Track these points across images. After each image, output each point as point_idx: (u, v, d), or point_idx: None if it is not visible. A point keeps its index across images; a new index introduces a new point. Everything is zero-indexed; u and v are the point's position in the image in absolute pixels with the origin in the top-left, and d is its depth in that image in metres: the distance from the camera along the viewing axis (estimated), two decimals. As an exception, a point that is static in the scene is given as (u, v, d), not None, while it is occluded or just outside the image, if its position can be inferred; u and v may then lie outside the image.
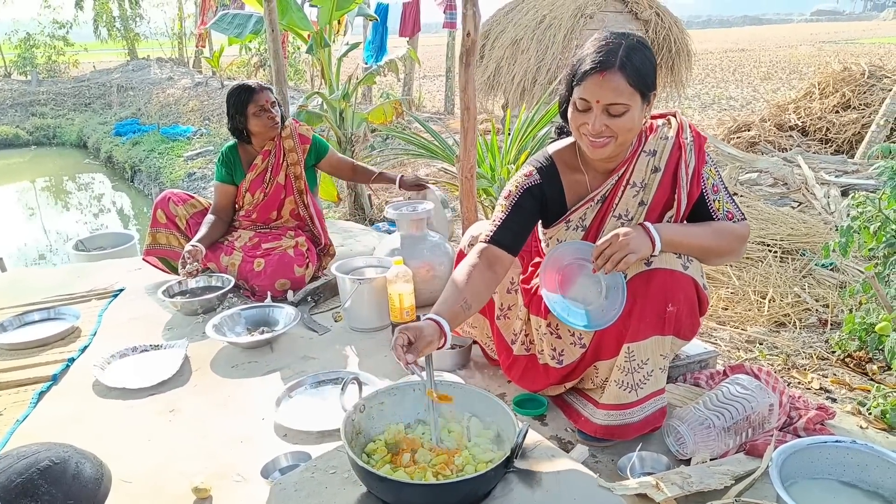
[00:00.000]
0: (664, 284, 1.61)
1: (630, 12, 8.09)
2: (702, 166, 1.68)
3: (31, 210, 10.04)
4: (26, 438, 1.81)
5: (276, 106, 2.91)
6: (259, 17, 4.78)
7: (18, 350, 2.44)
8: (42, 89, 16.77)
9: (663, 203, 1.70)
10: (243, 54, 15.92)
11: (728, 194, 1.73)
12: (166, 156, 10.13)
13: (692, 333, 1.74)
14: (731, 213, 1.70)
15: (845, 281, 3.18)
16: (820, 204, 4.51)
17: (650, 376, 1.67)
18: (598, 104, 1.55)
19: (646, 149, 1.68)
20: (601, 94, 1.53)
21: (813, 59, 19.37)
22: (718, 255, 1.70)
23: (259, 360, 2.35)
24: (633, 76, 1.52)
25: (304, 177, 3.01)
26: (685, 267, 1.64)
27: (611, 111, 1.55)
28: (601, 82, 1.52)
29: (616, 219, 1.72)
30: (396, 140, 7.99)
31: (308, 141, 3.04)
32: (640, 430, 1.71)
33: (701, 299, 1.70)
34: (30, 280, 3.26)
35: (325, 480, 1.48)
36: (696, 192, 1.68)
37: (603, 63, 1.52)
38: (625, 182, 1.69)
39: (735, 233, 1.68)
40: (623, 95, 1.53)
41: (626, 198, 1.70)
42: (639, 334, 1.63)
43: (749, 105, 11.24)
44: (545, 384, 1.92)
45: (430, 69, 18.57)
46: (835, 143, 6.66)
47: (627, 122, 1.56)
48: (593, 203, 1.74)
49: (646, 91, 1.56)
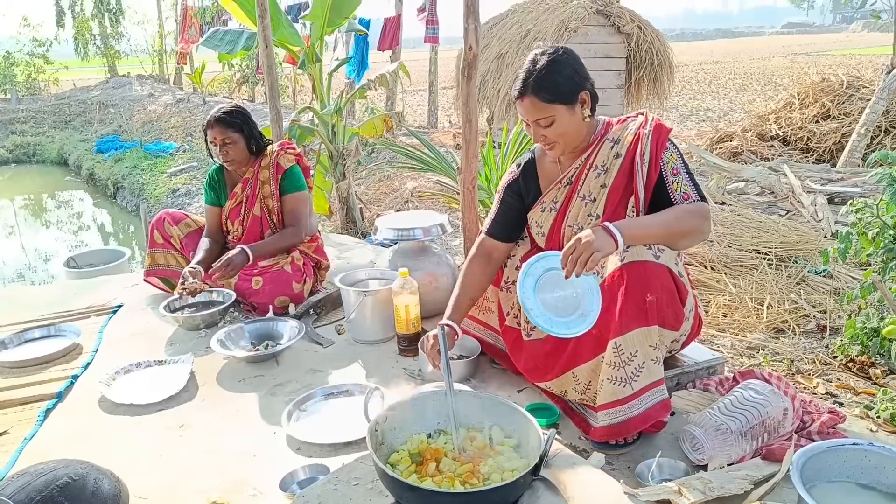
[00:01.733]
0: (639, 276, 1.67)
1: (612, 26, 8.23)
2: (661, 152, 1.81)
3: (11, 228, 9.87)
4: (37, 456, 1.77)
5: (230, 144, 2.78)
6: (250, 33, 4.79)
7: (20, 368, 2.40)
8: (21, 107, 16.58)
9: (623, 186, 1.84)
10: (226, 71, 15.90)
11: (689, 177, 1.81)
12: (150, 172, 10.05)
13: (679, 324, 1.78)
14: (686, 195, 1.79)
15: (839, 287, 3.24)
16: (808, 212, 4.60)
17: (642, 368, 1.69)
18: (529, 121, 1.84)
19: (609, 136, 1.89)
20: (526, 115, 1.83)
21: (787, 70, 19.82)
22: (684, 237, 1.77)
23: (265, 374, 2.33)
24: (546, 94, 1.77)
25: (278, 209, 2.92)
26: (657, 257, 1.70)
27: (540, 123, 1.82)
28: (522, 105, 1.82)
29: (580, 199, 1.90)
30: (383, 154, 8.02)
31: (282, 171, 2.89)
32: (643, 423, 1.71)
33: (679, 287, 1.75)
34: (24, 297, 3.21)
35: (349, 492, 1.47)
36: (655, 175, 1.81)
37: (519, 91, 1.81)
38: (589, 165, 1.89)
39: (691, 212, 1.76)
40: (542, 111, 1.79)
41: (589, 179, 1.89)
42: (623, 328, 1.66)
43: (727, 116, 11.45)
44: (526, 364, 1.99)
45: (411, 84, 18.66)
46: (816, 152, 6.81)
47: (558, 129, 1.81)
48: (561, 185, 1.95)
49: (568, 99, 1.79)
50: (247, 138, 2.84)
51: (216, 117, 2.78)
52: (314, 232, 3.03)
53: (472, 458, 1.48)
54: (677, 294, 1.74)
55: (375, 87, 5.13)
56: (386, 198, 6.65)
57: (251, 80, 14.70)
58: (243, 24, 4.88)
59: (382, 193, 6.86)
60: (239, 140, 2.81)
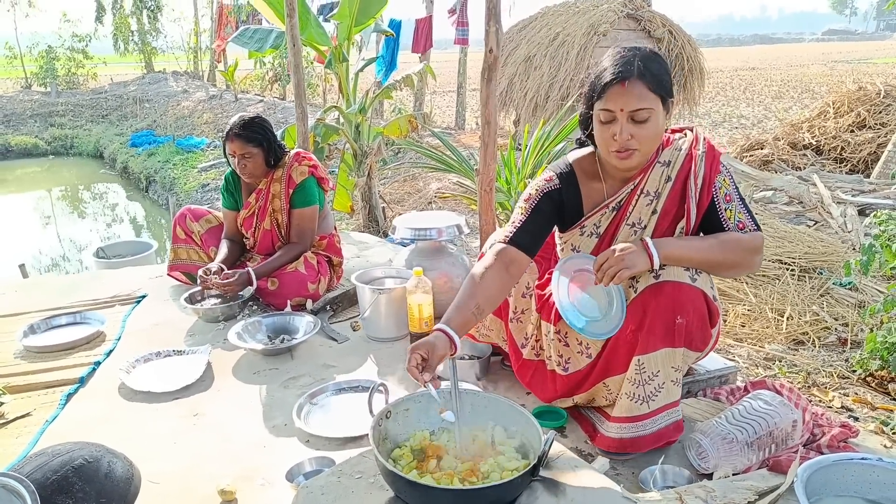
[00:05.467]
0: (672, 297, 1.63)
1: (643, 30, 8.16)
2: (714, 176, 1.70)
3: (48, 218, 10.16)
4: (57, 438, 1.84)
5: (249, 157, 2.77)
6: (279, 32, 4.87)
7: (46, 353, 2.49)
8: (61, 101, 17.03)
9: (674, 212, 1.73)
10: (258, 69, 16.14)
11: (743, 204, 1.73)
12: (181, 167, 10.25)
13: (705, 345, 1.74)
14: (742, 223, 1.70)
15: (864, 300, 3.17)
16: (836, 223, 4.51)
17: (661, 388, 1.68)
18: (622, 112, 1.60)
19: (661, 159, 1.72)
20: (624, 102, 1.59)
21: (825, 78, 19.38)
22: (727, 268, 1.70)
23: (280, 367, 2.37)
24: (653, 82, 1.59)
25: (287, 224, 2.92)
26: (693, 279, 1.65)
27: (635, 118, 1.60)
28: (623, 91, 1.59)
29: (629, 227, 1.75)
30: (408, 154, 8.07)
31: (294, 185, 2.87)
32: (654, 443, 1.71)
33: (711, 311, 1.70)
34: (54, 285, 3.32)
35: (351, 485, 1.50)
36: (707, 200, 1.70)
37: (623, 73, 1.59)
38: (639, 191, 1.73)
39: (743, 244, 1.67)
40: (646, 100, 1.59)
41: (639, 206, 1.73)
42: (648, 347, 1.64)
43: (760, 123, 11.25)
44: (553, 393, 1.93)
45: (440, 85, 18.70)
46: (850, 163, 6.65)
47: (652, 128, 1.62)
48: (608, 210, 1.78)
49: (665, 96, 1.63)
50: (265, 151, 2.82)
51: (236, 132, 2.75)
52: (330, 231, 3.06)
53: (473, 457, 1.50)
54: (708, 318, 1.70)
55: (401, 87, 5.17)
56: (410, 198, 6.70)
57: (283, 79, 14.88)
58: (273, 22, 4.97)
59: (407, 193, 6.91)
60: (258, 154, 2.80)
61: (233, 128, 2.77)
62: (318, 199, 2.96)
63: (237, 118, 2.81)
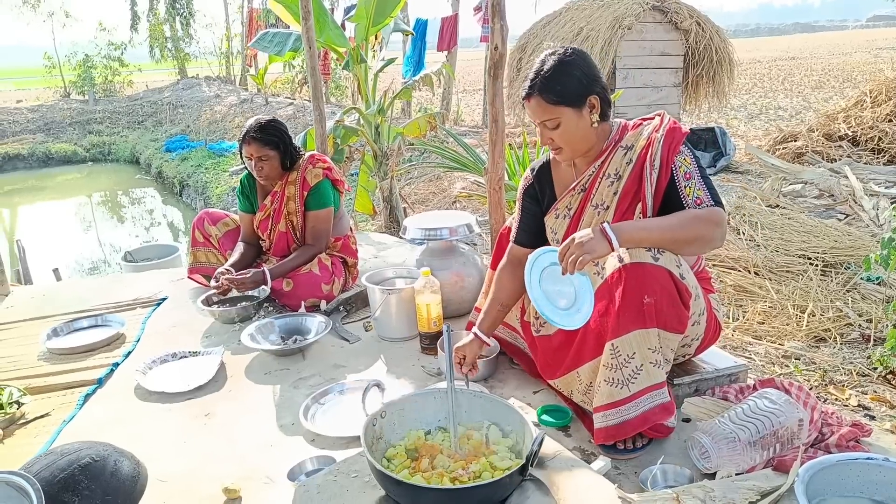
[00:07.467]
0: (636, 278, 1.64)
1: (669, 22, 8.02)
2: (673, 156, 1.78)
3: (88, 223, 10.50)
4: (73, 438, 1.90)
5: (265, 160, 2.81)
6: (297, 34, 4.93)
7: (68, 355, 2.58)
8: (98, 108, 17.57)
9: (633, 192, 1.82)
10: (287, 72, 16.39)
11: (704, 182, 1.77)
12: (212, 171, 10.48)
13: (682, 325, 1.73)
14: (699, 199, 1.74)
15: (892, 295, 3.07)
16: (868, 216, 4.37)
17: (640, 370, 1.67)
18: (536, 122, 1.84)
19: (623, 143, 1.86)
20: (533, 115, 1.83)
21: (869, 66, 18.69)
22: (688, 244, 1.72)
23: (291, 368, 2.41)
24: (552, 96, 1.76)
25: (302, 226, 2.95)
26: (655, 259, 1.67)
27: (546, 125, 1.81)
28: (529, 106, 1.82)
29: (593, 208, 1.88)
30: (432, 154, 8.10)
31: (308, 187, 2.90)
32: (641, 425, 1.69)
33: (680, 289, 1.70)
34: (81, 289, 3.43)
35: (347, 484, 1.52)
36: (665, 180, 1.78)
37: (526, 91, 1.81)
38: (602, 173, 1.87)
39: (701, 218, 1.70)
40: (549, 112, 1.78)
41: (602, 188, 1.87)
42: (620, 330, 1.65)
43: (799, 115, 10.91)
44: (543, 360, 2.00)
45: (469, 83, 18.69)
46: (888, 153, 6.42)
47: (565, 132, 1.80)
48: (575, 192, 1.93)
49: (575, 102, 1.77)
50: (282, 154, 2.85)
51: (252, 135, 2.77)
52: (345, 233, 3.09)
53: (466, 456, 1.50)
54: (678, 296, 1.70)
55: (420, 86, 5.19)
56: (434, 198, 6.72)
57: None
58: (291, 25, 5.03)
59: (431, 193, 6.93)
60: (274, 157, 2.83)
61: (249, 131, 2.81)
62: (333, 201, 2.99)
63: (253, 121, 2.86)
